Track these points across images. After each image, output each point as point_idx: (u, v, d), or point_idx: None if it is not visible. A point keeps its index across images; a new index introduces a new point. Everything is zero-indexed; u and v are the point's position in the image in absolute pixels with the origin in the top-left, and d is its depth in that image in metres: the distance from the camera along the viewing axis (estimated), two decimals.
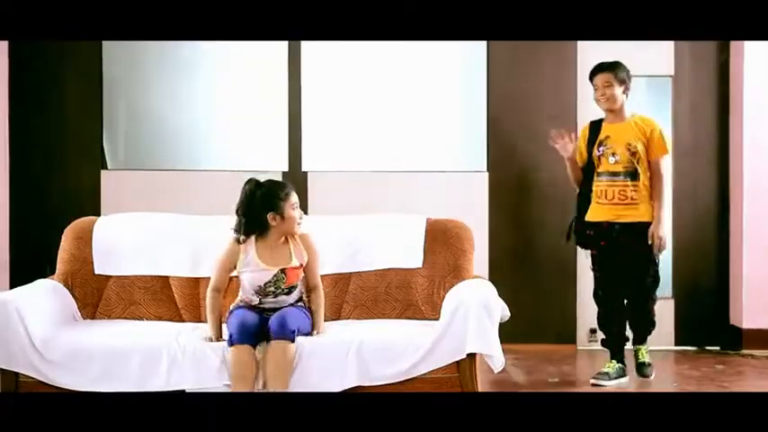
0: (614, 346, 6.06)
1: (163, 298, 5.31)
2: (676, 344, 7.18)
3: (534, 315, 6.98)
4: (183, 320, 5.25)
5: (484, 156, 7.13)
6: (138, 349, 4.70)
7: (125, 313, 5.27)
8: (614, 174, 5.88)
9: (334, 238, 5.34)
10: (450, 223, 5.39)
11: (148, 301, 5.30)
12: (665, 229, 5.91)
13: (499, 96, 7.11)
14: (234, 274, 4.89)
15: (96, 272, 5.31)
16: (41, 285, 5.16)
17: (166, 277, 5.33)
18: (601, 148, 5.94)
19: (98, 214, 6.45)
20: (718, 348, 7.12)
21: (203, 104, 7.23)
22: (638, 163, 5.87)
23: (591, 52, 7.06)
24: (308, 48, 7.12)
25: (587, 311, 7.08)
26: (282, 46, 7.08)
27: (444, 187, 7.01)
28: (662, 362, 6.71)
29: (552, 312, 7.14)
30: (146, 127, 7.25)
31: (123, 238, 5.35)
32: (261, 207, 4.73)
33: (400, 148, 7.20)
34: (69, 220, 5.51)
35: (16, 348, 4.66)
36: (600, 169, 5.94)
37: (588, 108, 7.07)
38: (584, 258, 7.01)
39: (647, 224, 5.87)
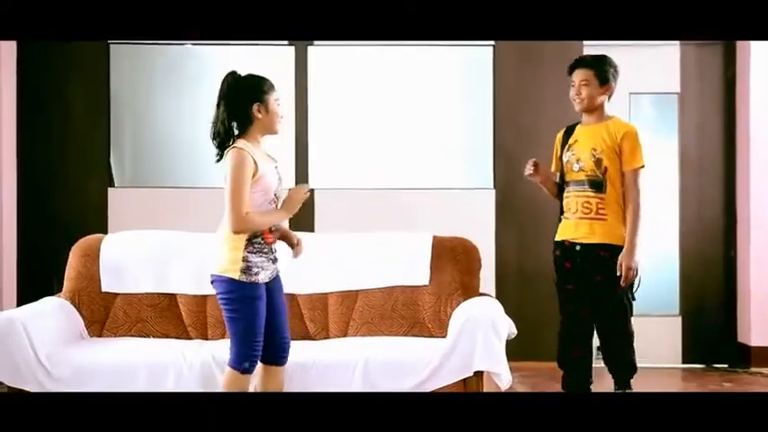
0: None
1: (170, 315, 5.32)
2: (683, 361, 7.16)
3: (541, 332, 6.95)
4: (190, 338, 5.26)
5: (490, 173, 7.14)
6: (144, 366, 4.72)
7: (132, 331, 5.28)
8: (579, 183, 5.05)
9: (341, 255, 5.35)
10: (457, 241, 5.40)
11: (155, 318, 5.30)
12: (637, 258, 4.94)
13: (505, 114, 7.12)
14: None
15: (103, 289, 5.33)
16: (48, 303, 5.18)
17: (173, 295, 5.34)
18: (567, 154, 5.12)
19: (105, 232, 6.46)
20: (726, 366, 7.10)
21: (210, 121, 7.23)
22: (604, 173, 4.98)
23: None
24: (314, 66, 7.14)
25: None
26: (289, 64, 7.10)
27: (451, 204, 7.01)
28: (669, 379, 6.69)
29: (559, 330, 7.12)
30: (152, 144, 7.27)
31: (130, 256, 5.36)
32: (245, 98, 4.35)
33: (407, 166, 7.20)
34: (76, 237, 5.53)
35: (23, 365, 4.67)
36: (567, 178, 5.13)
37: None
38: None
39: (618, 248, 4.95)
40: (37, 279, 6.85)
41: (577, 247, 5.03)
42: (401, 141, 7.22)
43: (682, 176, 7.21)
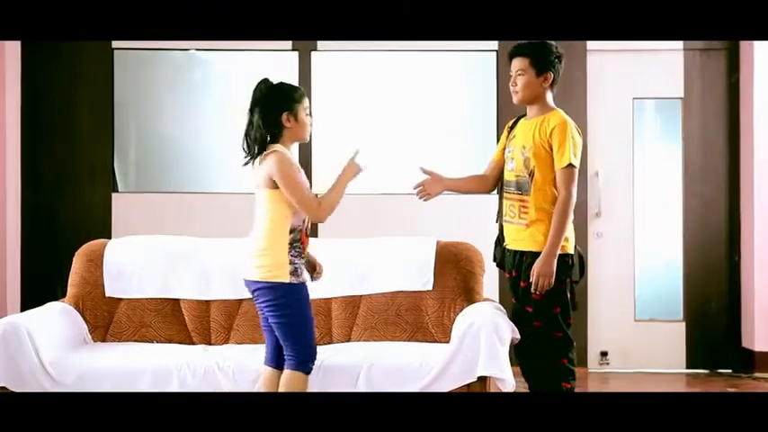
0: None
1: (173, 321, 5.33)
2: (687, 366, 7.16)
3: None
4: (194, 343, 5.27)
5: None
6: (148, 372, 4.73)
7: (136, 336, 5.29)
8: (509, 183, 4.70)
9: (344, 260, 5.36)
10: (461, 246, 5.41)
11: (159, 323, 5.31)
12: (553, 266, 4.47)
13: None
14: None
15: (107, 294, 5.34)
16: (52, 308, 5.19)
17: (177, 300, 5.35)
18: (506, 151, 4.76)
19: (109, 237, 6.48)
20: (730, 371, 7.10)
21: (214, 127, 7.26)
22: (531, 173, 4.57)
23: (601, 71, 7.11)
24: (317, 71, 7.16)
25: (598, 334, 7.09)
26: (292, 69, 7.12)
27: (454, 209, 7.01)
28: (672, 385, 6.69)
29: None
30: (156, 149, 7.29)
31: (134, 261, 5.37)
32: (275, 107, 4.43)
33: (410, 171, 7.20)
34: (80, 242, 5.54)
35: (27, 371, 4.68)
36: (504, 177, 4.79)
37: (600, 129, 7.10)
38: (595, 279, 7.04)
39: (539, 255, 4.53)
40: (41, 284, 6.87)
41: (508, 253, 4.76)
42: (404, 147, 7.23)
43: (685, 181, 7.22)
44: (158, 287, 5.35)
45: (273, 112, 4.43)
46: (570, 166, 4.50)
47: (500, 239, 4.87)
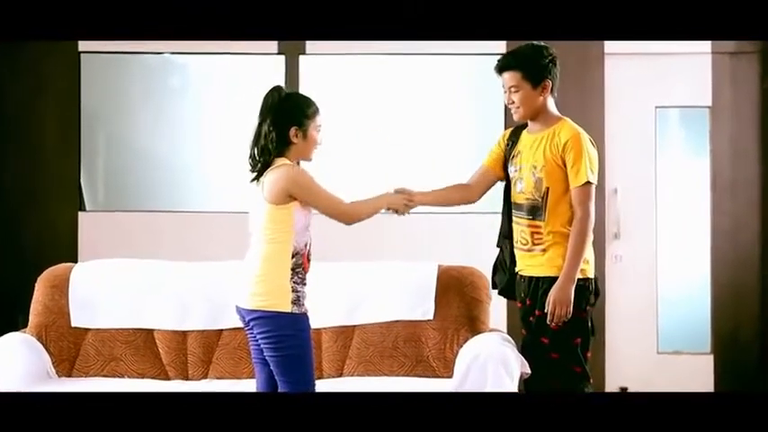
0: None
1: (146, 353, 5.32)
2: None
3: None
4: (169, 378, 5.28)
5: (500, 197, 7.12)
6: None
7: (104, 370, 5.29)
8: (519, 207, 4.72)
9: (336, 287, 5.36)
10: (465, 270, 5.41)
11: (130, 356, 5.31)
12: (571, 293, 4.48)
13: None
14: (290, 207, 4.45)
15: (73, 324, 5.34)
16: (12, 339, 5.20)
17: (150, 330, 5.35)
18: (511, 169, 4.78)
19: (75, 260, 6.47)
20: None
21: (191, 139, 7.26)
22: (544, 195, 4.58)
23: (621, 76, 7.11)
24: (305, 77, 7.15)
25: (617, 367, 7.07)
26: (279, 75, 7.12)
27: (458, 230, 7.01)
28: None
29: None
30: (128, 164, 7.28)
31: (103, 288, 5.38)
32: (284, 120, 4.45)
33: (407, 187, 7.20)
34: (43, 266, 5.54)
35: None
36: (512, 198, 4.81)
37: (620, 142, 7.10)
38: (613, 307, 7.02)
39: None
40: None
41: (521, 280, 4.74)
42: (401, 160, 7.22)
43: (713, 199, 7.21)
44: (129, 316, 5.36)
45: (281, 125, 4.45)
46: (587, 183, 4.53)
47: (501, 264, 4.90)
